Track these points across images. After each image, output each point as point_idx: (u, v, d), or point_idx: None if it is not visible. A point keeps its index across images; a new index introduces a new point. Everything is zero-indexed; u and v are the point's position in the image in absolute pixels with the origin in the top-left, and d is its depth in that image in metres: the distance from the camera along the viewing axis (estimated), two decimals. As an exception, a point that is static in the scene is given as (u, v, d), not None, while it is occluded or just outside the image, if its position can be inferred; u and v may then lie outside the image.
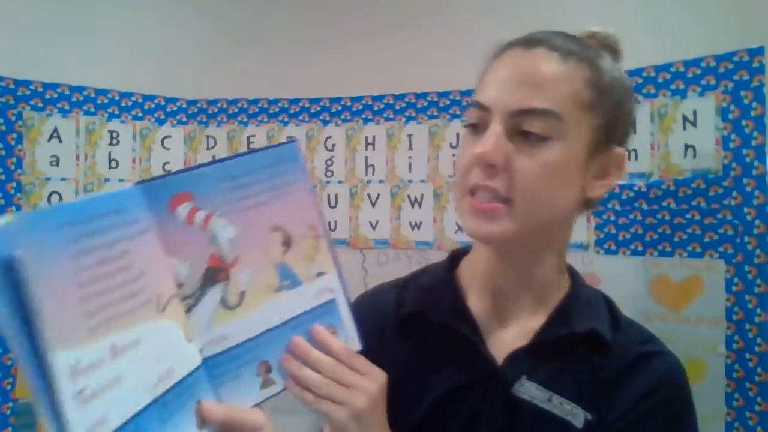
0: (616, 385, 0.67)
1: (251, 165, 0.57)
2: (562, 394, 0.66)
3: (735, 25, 1.40)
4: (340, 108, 1.74)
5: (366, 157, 1.71)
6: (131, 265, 0.48)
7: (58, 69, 1.62)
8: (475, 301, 0.73)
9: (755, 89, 1.34)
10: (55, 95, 1.61)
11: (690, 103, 1.36)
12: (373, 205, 1.70)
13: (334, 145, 1.73)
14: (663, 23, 1.47)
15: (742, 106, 1.34)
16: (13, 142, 1.57)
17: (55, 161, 1.61)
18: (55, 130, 1.61)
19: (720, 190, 1.35)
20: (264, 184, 0.57)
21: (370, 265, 1.68)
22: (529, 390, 0.66)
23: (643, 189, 1.41)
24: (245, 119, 1.78)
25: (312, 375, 0.59)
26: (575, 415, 0.65)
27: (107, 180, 1.65)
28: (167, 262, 0.52)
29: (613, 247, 1.46)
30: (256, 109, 1.78)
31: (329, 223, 1.67)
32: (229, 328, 0.57)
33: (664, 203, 1.38)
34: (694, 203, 1.35)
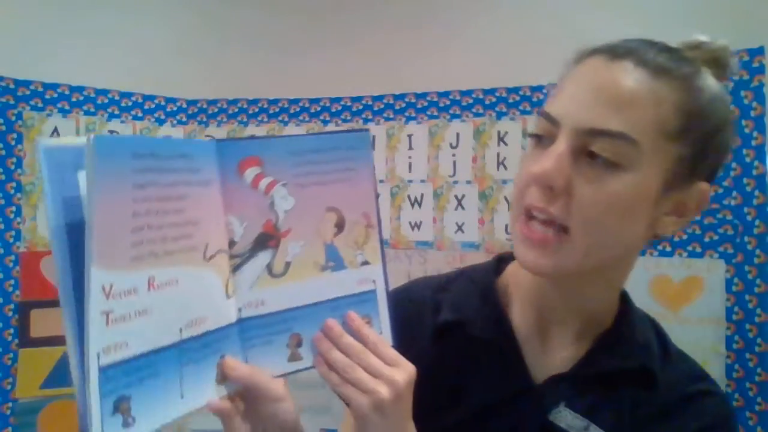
0: (661, 421, 0.64)
1: (322, 144, 0.60)
2: (601, 426, 0.63)
3: (735, 25, 1.40)
4: (340, 108, 1.74)
5: (366, 157, 1.71)
6: (186, 210, 0.51)
7: (58, 69, 1.62)
8: (517, 316, 0.68)
9: (755, 89, 1.34)
10: (55, 95, 1.61)
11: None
12: (373, 205, 1.70)
13: (334, 145, 1.73)
14: (663, 23, 1.47)
15: (742, 106, 1.34)
16: (13, 142, 1.57)
17: (55, 161, 1.61)
18: (55, 130, 1.61)
19: (720, 190, 1.35)
20: (330, 164, 0.59)
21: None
22: (566, 417, 0.63)
23: (643, 189, 1.41)
24: (245, 119, 1.78)
25: (341, 357, 0.58)
26: None
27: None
28: (224, 217, 0.55)
29: (613, 247, 1.45)
30: (256, 109, 1.78)
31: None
32: (270, 294, 0.58)
33: (664, 203, 1.38)
34: (694, 203, 1.35)
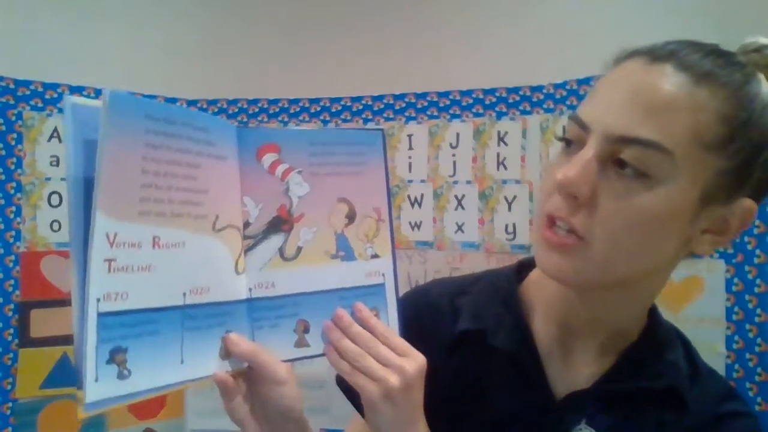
0: None
1: (338, 138, 0.63)
2: None
3: (735, 26, 1.40)
4: (340, 108, 1.74)
5: (366, 157, 1.71)
6: (197, 178, 0.53)
7: (58, 69, 1.62)
8: (539, 327, 0.66)
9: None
10: (55, 95, 1.61)
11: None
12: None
13: (334, 145, 1.73)
14: (662, 23, 1.47)
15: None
16: (13, 142, 1.57)
17: (55, 161, 1.61)
18: (55, 130, 1.61)
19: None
20: (344, 157, 0.63)
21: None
22: None
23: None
24: (245, 119, 1.78)
25: (351, 345, 0.58)
26: None
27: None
28: (240, 197, 0.58)
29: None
30: (256, 109, 1.78)
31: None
32: (280, 276, 0.60)
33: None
34: (694, 203, 1.35)
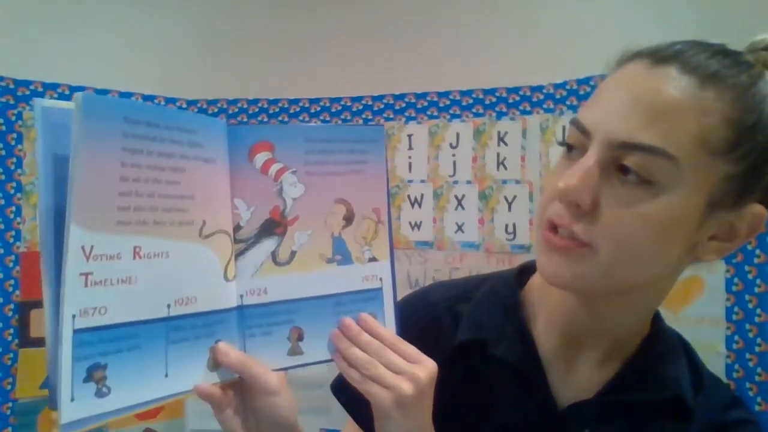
0: None
1: (336, 135, 0.59)
2: None
3: (739, 24, 1.40)
4: (340, 108, 1.74)
5: (366, 157, 1.71)
6: (182, 183, 0.50)
7: (58, 69, 1.62)
8: (541, 334, 0.64)
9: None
10: (55, 95, 1.61)
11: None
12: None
13: (334, 145, 1.73)
14: (662, 23, 1.47)
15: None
16: (13, 142, 1.57)
17: (55, 161, 1.61)
18: (55, 130, 1.61)
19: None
20: (342, 156, 0.59)
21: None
22: None
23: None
24: (245, 119, 1.78)
25: (361, 354, 0.56)
26: None
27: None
28: (231, 200, 0.54)
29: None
30: (256, 109, 1.78)
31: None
32: (273, 282, 0.57)
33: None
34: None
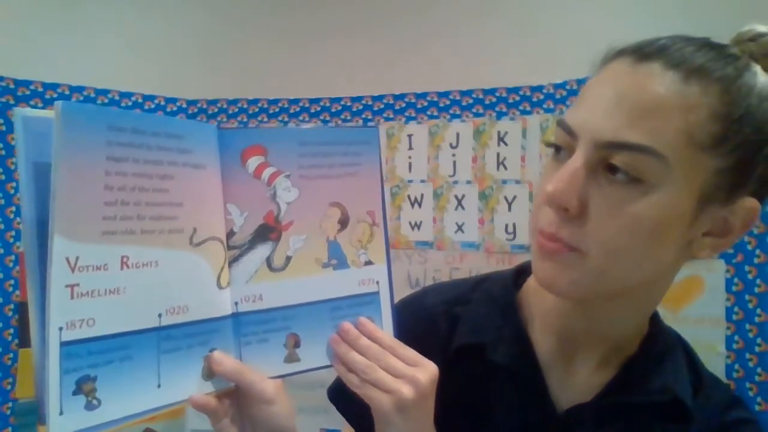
0: None
1: (329, 137, 0.58)
2: None
3: (734, 26, 1.40)
4: (340, 108, 1.74)
5: (366, 157, 1.71)
6: (170, 190, 0.49)
7: (58, 69, 1.62)
8: (539, 336, 0.64)
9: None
10: (55, 95, 1.62)
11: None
12: (373, 205, 1.70)
13: (334, 145, 1.73)
14: (663, 23, 1.47)
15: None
16: (13, 142, 1.56)
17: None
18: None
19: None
20: (336, 158, 0.58)
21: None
22: None
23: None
24: (245, 119, 1.78)
25: (360, 358, 0.56)
26: None
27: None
28: (223, 206, 0.53)
29: (613, 247, 1.46)
30: (256, 109, 1.78)
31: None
32: (268, 289, 0.56)
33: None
34: (694, 203, 1.35)
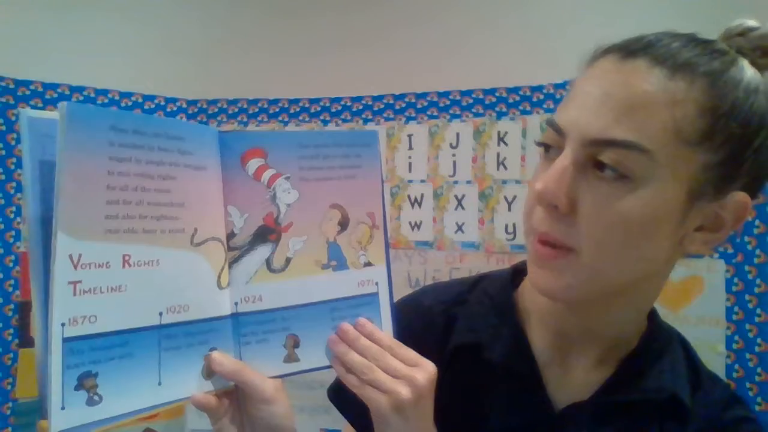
0: None
1: (329, 140, 0.59)
2: None
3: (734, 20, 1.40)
4: (340, 108, 1.74)
5: (366, 157, 1.71)
6: (171, 190, 0.50)
7: (58, 69, 1.62)
8: (536, 336, 0.64)
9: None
10: (55, 95, 1.62)
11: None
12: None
13: (334, 145, 1.73)
14: (663, 22, 1.47)
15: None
16: (13, 142, 1.57)
17: (55, 161, 1.61)
18: (55, 130, 1.61)
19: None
20: (336, 161, 0.59)
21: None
22: None
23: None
24: (245, 119, 1.78)
25: (358, 358, 0.56)
26: None
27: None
28: (223, 207, 0.55)
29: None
30: (256, 109, 1.78)
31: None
32: (268, 290, 0.57)
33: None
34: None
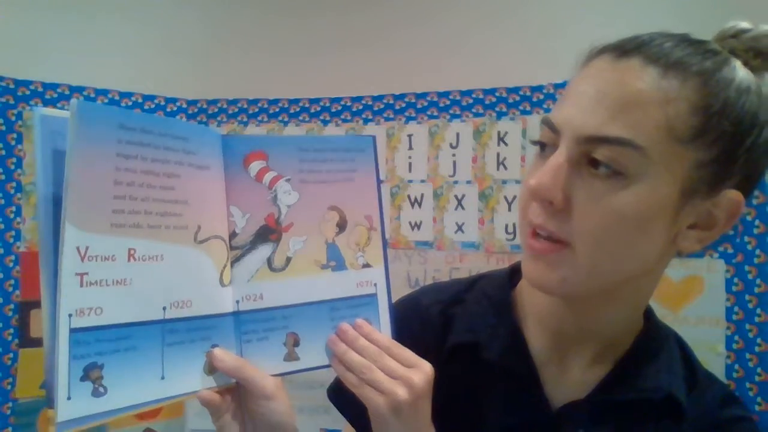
0: None
1: (328, 145, 0.62)
2: None
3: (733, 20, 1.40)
4: (340, 108, 1.74)
5: (366, 157, 1.71)
6: (176, 188, 0.52)
7: (58, 69, 1.62)
8: (533, 335, 0.65)
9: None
10: (55, 95, 1.61)
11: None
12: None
13: (334, 145, 1.73)
14: (663, 23, 1.47)
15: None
16: (13, 142, 1.57)
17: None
18: (55, 130, 1.61)
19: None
20: (334, 164, 0.61)
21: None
22: None
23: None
24: (245, 119, 1.78)
25: (357, 358, 0.57)
26: None
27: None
28: (225, 207, 0.57)
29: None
30: (256, 109, 1.78)
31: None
32: (268, 288, 0.58)
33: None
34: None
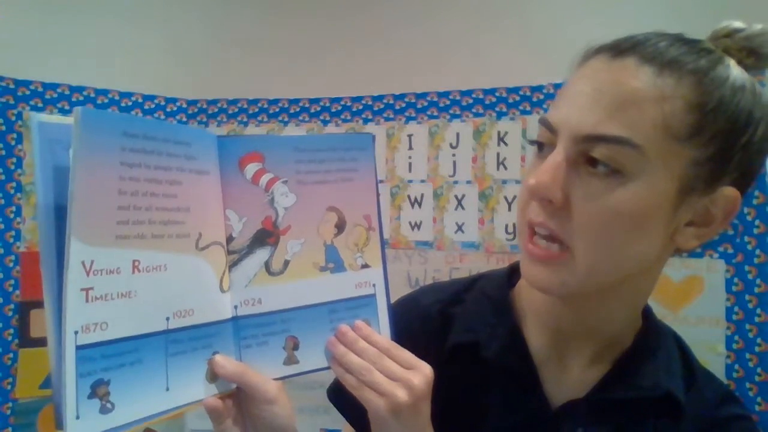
0: None
1: (325, 144, 0.60)
2: None
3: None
4: (340, 108, 1.74)
5: (366, 157, 1.71)
6: (178, 195, 0.50)
7: (58, 69, 1.62)
8: (532, 334, 0.65)
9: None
10: (55, 95, 1.61)
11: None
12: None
13: (334, 145, 1.73)
14: (663, 23, 1.47)
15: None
16: (13, 142, 1.57)
17: (55, 161, 1.61)
18: (55, 130, 1.61)
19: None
20: (332, 164, 0.60)
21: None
22: None
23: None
24: (245, 119, 1.78)
25: (357, 360, 0.57)
26: None
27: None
28: (223, 211, 0.55)
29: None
30: (256, 109, 1.78)
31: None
32: (267, 292, 0.57)
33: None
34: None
